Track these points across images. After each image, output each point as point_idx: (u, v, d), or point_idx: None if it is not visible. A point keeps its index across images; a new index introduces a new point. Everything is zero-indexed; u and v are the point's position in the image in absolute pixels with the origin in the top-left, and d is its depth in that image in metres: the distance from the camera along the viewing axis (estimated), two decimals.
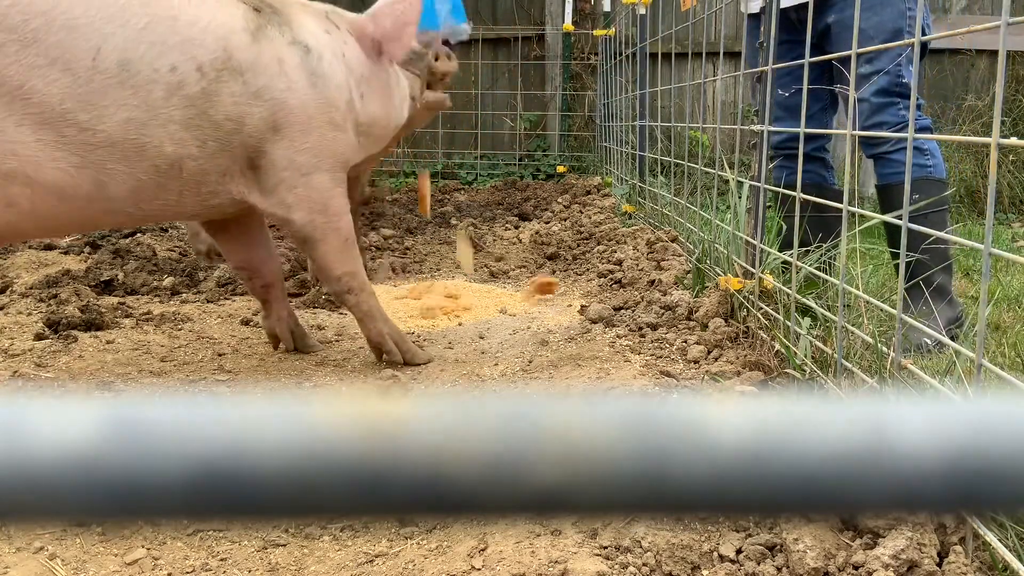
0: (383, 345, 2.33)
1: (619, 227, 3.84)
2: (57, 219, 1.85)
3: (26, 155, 1.73)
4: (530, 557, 1.31)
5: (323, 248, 2.16)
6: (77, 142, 1.77)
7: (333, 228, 2.14)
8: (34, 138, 1.73)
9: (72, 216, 1.87)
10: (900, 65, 2.54)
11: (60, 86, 1.73)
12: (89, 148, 1.78)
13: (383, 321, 2.33)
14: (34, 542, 1.43)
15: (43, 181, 1.77)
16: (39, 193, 1.78)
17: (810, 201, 2.08)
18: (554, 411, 0.27)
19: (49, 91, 1.72)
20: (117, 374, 2.26)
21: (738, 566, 1.27)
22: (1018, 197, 5.21)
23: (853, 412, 0.27)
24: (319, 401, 0.27)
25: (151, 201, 1.92)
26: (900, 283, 1.51)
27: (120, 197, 1.86)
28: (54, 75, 1.72)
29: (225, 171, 1.99)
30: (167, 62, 1.83)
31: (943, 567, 1.20)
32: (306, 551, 1.42)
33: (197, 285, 3.23)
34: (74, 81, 1.74)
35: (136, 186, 1.87)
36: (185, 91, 1.86)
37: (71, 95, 1.74)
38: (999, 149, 1.20)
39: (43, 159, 1.75)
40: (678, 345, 2.25)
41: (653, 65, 4.73)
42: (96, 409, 0.26)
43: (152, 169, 1.86)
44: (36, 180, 1.76)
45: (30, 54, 1.70)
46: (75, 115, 1.75)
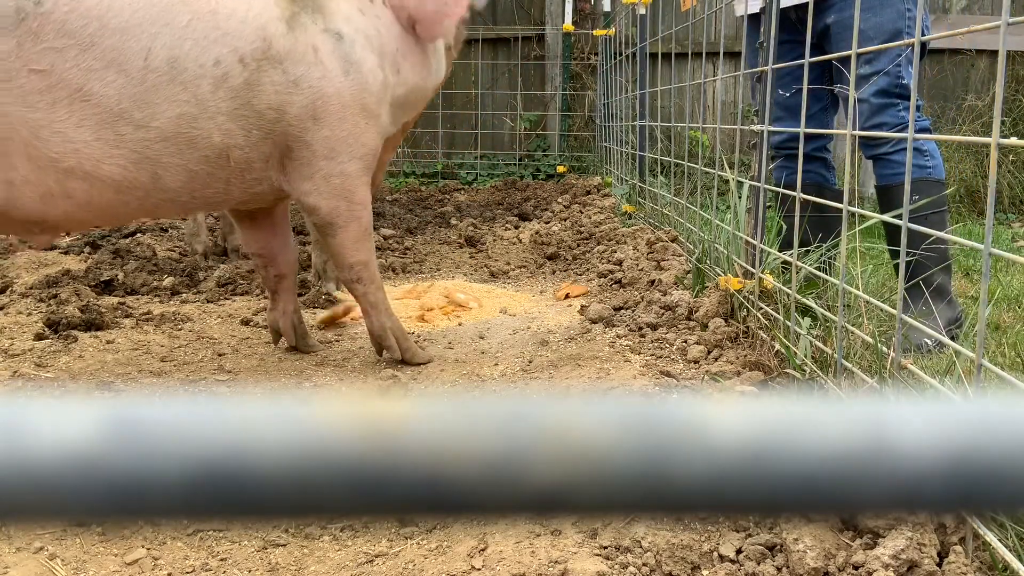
0: (384, 339, 2.35)
1: (619, 227, 3.84)
2: (113, 209, 1.94)
3: (86, 153, 1.82)
4: (530, 557, 1.31)
5: (342, 236, 2.21)
6: (134, 139, 1.85)
7: (355, 217, 2.20)
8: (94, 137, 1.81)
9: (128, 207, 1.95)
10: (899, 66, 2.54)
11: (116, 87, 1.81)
12: (144, 144, 1.86)
13: (387, 316, 2.35)
14: (34, 542, 1.43)
15: (101, 176, 1.85)
16: (97, 187, 1.86)
17: (810, 201, 2.08)
18: (554, 411, 0.27)
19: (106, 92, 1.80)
20: (117, 374, 2.26)
21: (738, 566, 1.27)
22: (1018, 197, 5.21)
23: (853, 412, 0.27)
24: (319, 401, 0.27)
25: (202, 190, 2.00)
26: (900, 283, 1.51)
27: (174, 188, 1.95)
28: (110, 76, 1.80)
29: (268, 158, 2.07)
30: (211, 56, 1.91)
31: (943, 567, 1.20)
32: (306, 551, 1.42)
33: (197, 285, 3.23)
34: (128, 81, 1.82)
35: (188, 177, 1.95)
36: (230, 83, 1.94)
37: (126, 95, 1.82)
38: (999, 149, 1.20)
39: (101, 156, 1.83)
40: (678, 345, 2.25)
41: (653, 65, 4.73)
42: (96, 409, 0.26)
43: (203, 160, 1.95)
44: (95, 175, 1.84)
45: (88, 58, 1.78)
46: (131, 113, 1.83)
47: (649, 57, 4.34)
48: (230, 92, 1.94)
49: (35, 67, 1.75)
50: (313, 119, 2.06)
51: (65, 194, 1.85)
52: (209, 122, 1.93)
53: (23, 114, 1.75)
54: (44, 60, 1.76)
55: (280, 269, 2.44)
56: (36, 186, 1.82)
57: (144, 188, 1.91)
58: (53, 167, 1.81)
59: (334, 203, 2.16)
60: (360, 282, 2.28)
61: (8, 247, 3.71)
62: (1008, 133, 5.29)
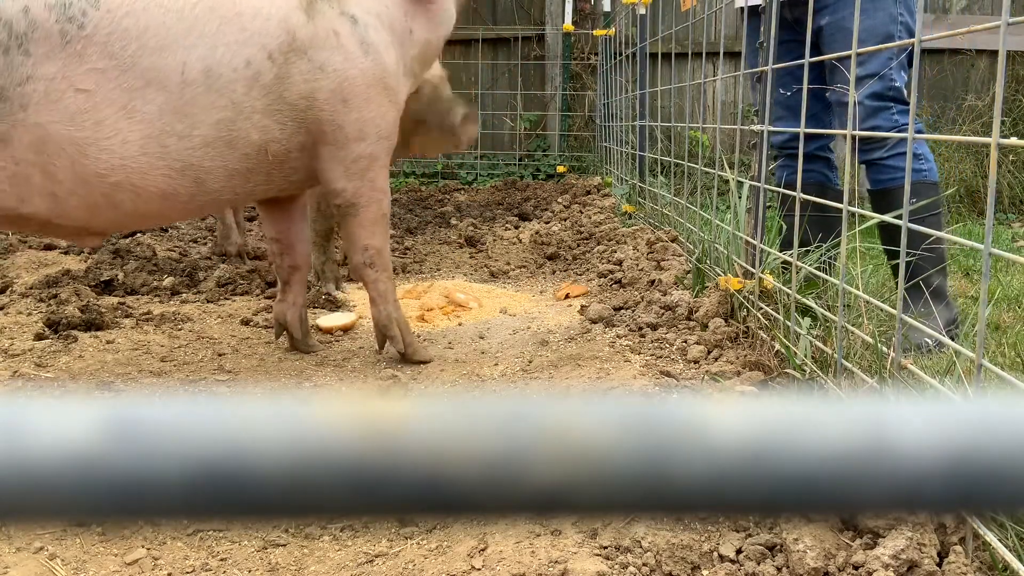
0: (389, 329, 2.36)
1: (619, 227, 3.84)
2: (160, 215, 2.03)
3: (133, 167, 1.88)
4: (530, 557, 1.31)
5: (360, 218, 2.26)
6: (177, 149, 1.92)
7: (376, 200, 2.26)
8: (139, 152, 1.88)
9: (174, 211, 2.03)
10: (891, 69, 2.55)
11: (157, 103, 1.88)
12: (188, 152, 1.93)
13: (394, 307, 2.37)
14: (34, 542, 1.43)
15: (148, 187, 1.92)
16: (143, 197, 1.93)
17: (810, 201, 2.08)
18: (554, 411, 0.27)
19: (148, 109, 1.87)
20: (117, 374, 2.26)
21: (738, 566, 1.27)
22: (1018, 197, 5.21)
23: (853, 412, 0.27)
24: (319, 401, 0.27)
25: (243, 186, 2.07)
26: (900, 283, 1.51)
27: (217, 189, 2.02)
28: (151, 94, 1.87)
29: (303, 147, 2.15)
30: (242, 58, 1.98)
31: (943, 567, 1.20)
32: (306, 551, 1.42)
33: (197, 285, 3.23)
34: (169, 97, 1.89)
35: (230, 176, 2.02)
36: (262, 81, 2.01)
37: (168, 109, 1.89)
38: (999, 149, 1.20)
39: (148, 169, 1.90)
40: (678, 345, 2.25)
41: (653, 65, 4.73)
42: (96, 409, 0.26)
43: (243, 158, 2.02)
44: (141, 187, 1.91)
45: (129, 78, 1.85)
46: (173, 126, 1.90)
47: (649, 57, 4.34)
48: (263, 90, 2.02)
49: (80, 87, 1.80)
50: (343, 102, 2.13)
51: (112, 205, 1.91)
52: (246, 122, 2.00)
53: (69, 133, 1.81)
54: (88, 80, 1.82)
55: (295, 260, 2.48)
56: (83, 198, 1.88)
57: (188, 193, 1.98)
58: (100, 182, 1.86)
59: (358, 184, 2.22)
60: (372, 267, 2.32)
61: (8, 247, 3.71)
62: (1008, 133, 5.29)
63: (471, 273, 3.64)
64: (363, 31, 2.16)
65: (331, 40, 2.11)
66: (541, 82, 6.58)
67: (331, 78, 2.10)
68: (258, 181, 2.10)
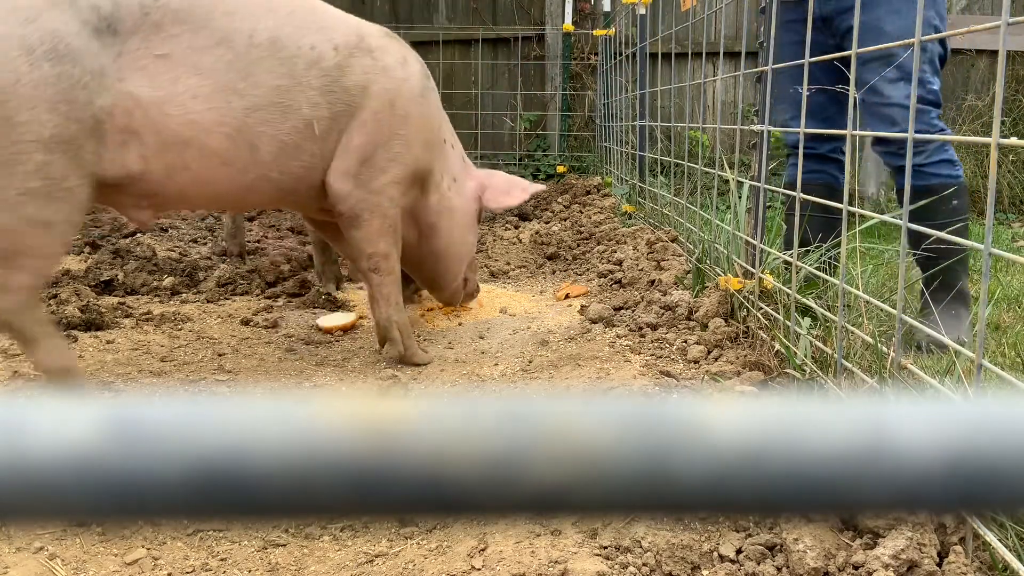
0: (389, 331, 2.41)
1: (619, 227, 3.84)
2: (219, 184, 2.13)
3: (200, 123, 2.02)
4: (530, 557, 1.31)
5: (367, 227, 2.35)
6: (237, 108, 2.06)
7: (383, 213, 2.36)
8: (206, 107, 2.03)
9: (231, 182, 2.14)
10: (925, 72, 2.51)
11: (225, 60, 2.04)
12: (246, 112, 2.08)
13: (396, 310, 2.42)
14: (34, 542, 1.43)
15: (211, 145, 2.05)
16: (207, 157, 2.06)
17: (812, 201, 2.08)
18: (554, 411, 0.27)
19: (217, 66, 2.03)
20: (117, 374, 2.26)
21: (738, 566, 1.27)
22: (1018, 197, 5.22)
23: (853, 412, 0.27)
24: (319, 401, 0.27)
25: (289, 162, 2.20)
26: (900, 283, 1.51)
27: (268, 160, 2.15)
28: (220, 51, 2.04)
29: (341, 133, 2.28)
30: (308, 41, 2.17)
31: (943, 567, 1.20)
32: (306, 551, 1.42)
33: (197, 285, 3.23)
34: (236, 56, 2.06)
35: (280, 148, 2.16)
36: (322, 64, 2.19)
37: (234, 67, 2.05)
38: (999, 149, 1.20)
39: (212, 126, 2.04)
40: (678, 345, 2.25)
41: (653, 65, 4.73)
42: (96, 409, 0.26)
43: (291, 130, 2.16)
44: (206, 145, 2.05)
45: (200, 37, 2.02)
46: (235, 84, 2.05)
47: (649, 57, 4.34)
48: (321, 71, 2.19)
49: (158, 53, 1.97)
50: (390, 104, 2.31)
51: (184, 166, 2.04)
52: (300, 95, 2.16)
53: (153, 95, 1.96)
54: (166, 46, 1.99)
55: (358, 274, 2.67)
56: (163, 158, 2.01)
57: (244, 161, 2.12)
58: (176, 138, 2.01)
59: (365, 194, 2.32)
60: (377, 272, 2.40)
61: None
62: (1008, 133, 5.29)
63: None
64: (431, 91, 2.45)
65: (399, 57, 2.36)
66: (541, 82, 6.58)
67: (390, 80, 2.30)
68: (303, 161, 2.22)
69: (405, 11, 6.60)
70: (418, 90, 2.39)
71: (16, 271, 1.82)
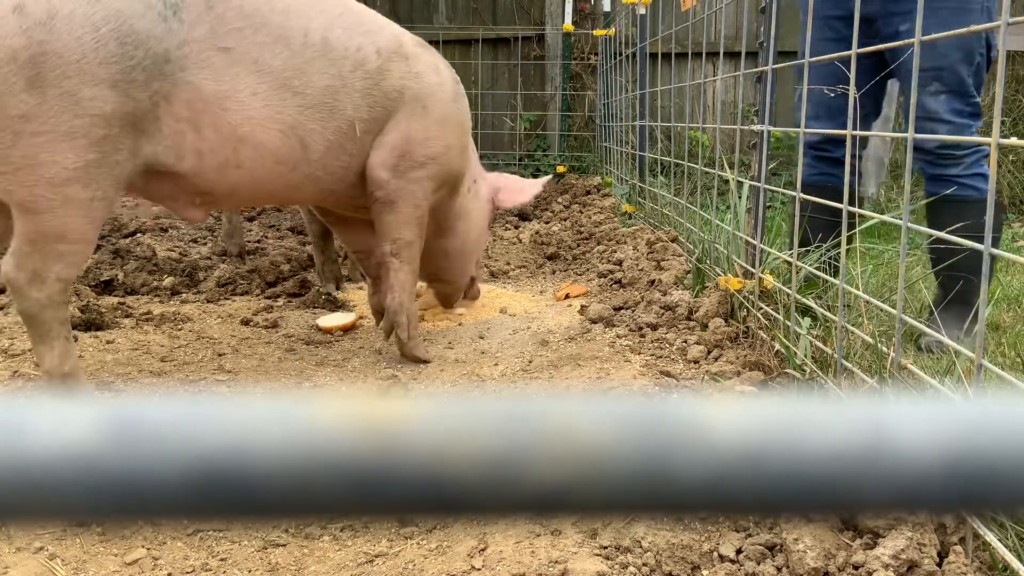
0: (398, 316, 2.44)
1: (619, 227, 3.84)
2: (270, 183, 2.17)
3: (256, 119, 2.06)
4: (530, 557, 1.31)
5: (396, 213, 2.42)
6: (291, 106, 2.11)
7: (415, 203, 2.43)
8: (263, 103, 2.07)
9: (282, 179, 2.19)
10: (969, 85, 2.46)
11: (282, 58, 2.09)
12: (298, 110, 2.13)
13: (409, 299, 2.46)
14: (34, 542, 1.43)
15: (265, 143, 2.09)
16: (261, 154, 2.10)
17: (817, 203, 2.08)
18: (554, 411, 0.27)
19: (275, 63, 2.08)
20: (117, 374, 2.26)
21: (738, 566, 1.27)
22: (1018, 197, 5.22)
23: (853, 412, 0.27)
24: (319, 401, 0.27)
25: (334, 162, 2.26)
26: (900, 282, 1.51)
27: (316, 159, 2.21)
28: (278, 49, 2.08)
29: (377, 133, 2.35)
30: (355, 43, 2.24)
31: (943, 567, 1.20)
32: (306, 551, 1.42)
33: (197, 285, 3.23)
34: (292, 54, 2.10)
35: (327, 146, 2.21)
36: (366, 67, 2.26)
37: (290, 65, 2.10)
38: (999, 149, 1.20)
39: (267, 122, 2.08)
40: (678, 345, 2.25)
41: (653, 65, 4.73)
42: (96, 409, 0.26)
43: (336, 130, 2.22)
44: (261, 143, 2.08)
45: (261, 35, 2.06)
46: (291, 81, 2.10)
47: (649, 57, 4.34)
48: (365, 74, 2.26)
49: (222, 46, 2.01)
50: (423, 107, 2.38)
51: (237, 163, 2.08)
52: (346, 97, 2.22)
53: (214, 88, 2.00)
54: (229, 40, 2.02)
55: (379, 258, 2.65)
56: (218, 154, 2.05)
57: (295, 159, 2.17)
58: (232, 135, 2.04)
59: (402, 184, 2.39)
60: (398, 257, 2.45)
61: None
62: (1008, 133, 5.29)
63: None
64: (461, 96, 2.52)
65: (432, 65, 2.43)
66: (541, 82, 6.58)
67: (422, 85, 2.38)
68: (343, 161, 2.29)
69: (405, 11, 6.60)
70: (451, 95, 2.46)
71: (54, 260, 1.86)
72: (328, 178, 2.29)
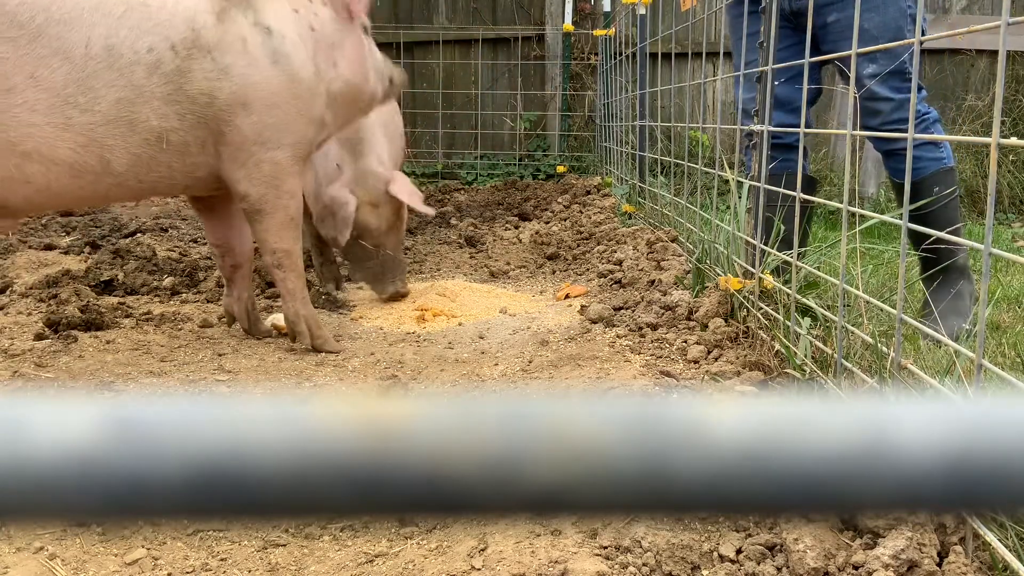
0: (296, 325, 2.46)
1: (619, 227, 3.84)
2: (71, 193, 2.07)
3: (40, 136, 1.95)
4: (530, 557, 1.31)
5: (267, 223, 2.33)
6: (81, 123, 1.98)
7: (282, 206, 2.32)
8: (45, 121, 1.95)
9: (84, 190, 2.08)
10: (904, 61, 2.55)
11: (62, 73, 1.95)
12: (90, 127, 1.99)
13: (302, 304, 2.46)
14: (34, 542, 1.43)
15: (56, 159, 1.99)
16: (53, 171, 2.00)
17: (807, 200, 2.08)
18: (554, 411, 0.27)
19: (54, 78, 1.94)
20: (117, 374, 2.26)
21: (738, 566, 1.27)
22: (1018, 197, 5.21)
23: (853, 412, 0.27)
24: (319, 401, 0.27)
25: (147, 174, 2.13)
26: (900, 283, 1.51)
27: (122, 172, 2.08)
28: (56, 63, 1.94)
29: (203, 143, 2.19)
30: (145, 44, 2.04)
31: (943, 567, 1.20)
32: (306, 551, 1.42)
33: (197, 285, 3.23)
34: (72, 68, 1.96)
35: (134, 160, 2.08)
36: (162, 69, 2.07)
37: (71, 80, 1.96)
38: (999, 149, 1.20)
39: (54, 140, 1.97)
40: (678, 345, 2.25)
41: (653, 65, 4.73)
42: (96, 409, 0.26)
43: (144, 143, 2.08)
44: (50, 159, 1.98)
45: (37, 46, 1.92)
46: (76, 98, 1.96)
47: (649, 57, 4.34)
48: (163, 78, 2.08)
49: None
50: (243, 106, 2.19)
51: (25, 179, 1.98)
52: (145, 106, 2.06)
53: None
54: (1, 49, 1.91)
55: (236, 259, 2.59)
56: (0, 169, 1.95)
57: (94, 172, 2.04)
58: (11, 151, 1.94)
59: (262, 190, 2.28)
60: (281, 268, 2.41)
61: (8, 247, 3.71)
62: (1008, 133, 5.29)
63: (471, 273, 3.64)
64: (277, 42, 2.22)
65: (237, 46, 2.17)
66: (541, 82, 6.58)
67: (233, 81, 2.16)
68: (161, 172, 2.16)
69: (405, 11, 6.60)
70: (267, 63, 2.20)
71: None
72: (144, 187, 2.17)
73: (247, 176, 2.25)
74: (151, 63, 2.05)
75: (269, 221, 2.33)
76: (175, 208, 5.13)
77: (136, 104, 2.04)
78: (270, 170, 2.27)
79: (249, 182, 2.26)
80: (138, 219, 4.38)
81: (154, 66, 2.05)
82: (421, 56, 6.56)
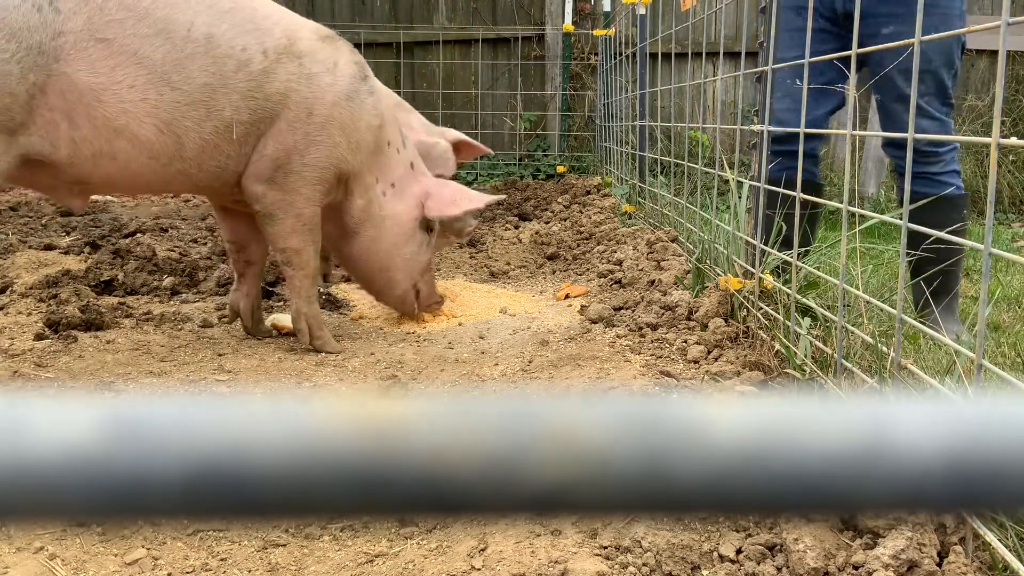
0: (297, 323, 2.50)
1: (619, 227, 3.84)
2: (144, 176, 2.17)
3: (133, 113, 2.06)
4: (530, 557, 1.31)
5: (280, 225, 2.40)
6: (168, 101, 2.10)
7: (296, 212, 2.40)
8: (140, 97, 2.06)
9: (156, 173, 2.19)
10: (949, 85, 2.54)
11: (163, 51, 2.07)
12: (175, 105, 2.11)
13: (306, 303, 2.50)
14: (34, 542, 1.43)
15: (141, 137, 2.09)
16: (136, 148, 2.10)
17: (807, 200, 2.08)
18: (554, 411, 0.27)
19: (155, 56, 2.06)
20: (117, 374, 2.26)
21: (738, 566, 1.27)
22: (1018, 197, 5.21)
23: (853, 412, 0.27)
24: (319, 401, 0.27)
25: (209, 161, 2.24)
26: (900, 283, 1.51)
27: (190, 157, 2.19)
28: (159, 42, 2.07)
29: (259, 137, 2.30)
30: (240, 43, 2.18)
31: (943, 567, 1.20)
32: (306, 551, 1.42)
33: (197, 285, 3.23)
34: (172, 48, 2.08)
35: (202, 146, 2.19)
36: (250, 68, 2.20)
37: (170, 59, 2.08)
38: (999, 149, 1.20)
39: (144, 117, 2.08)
40: (678, 345, 2.25)
41: (653, 65, 4.73)
42: (96, 409, 0.26)
43: (214, 130, 2.20)
44: (136, 135, 2.08)
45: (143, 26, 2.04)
46: (169, 76, 2.08)
47: (649, 57, 4.34)
48: (248, 75, 2.20)
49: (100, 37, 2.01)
50: (308, 112, 2.31)
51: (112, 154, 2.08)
52: (225, 97, 2.18)
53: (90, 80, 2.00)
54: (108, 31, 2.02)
55: (250, 256, 2.64)
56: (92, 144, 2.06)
57: (168, 154, 2.15)
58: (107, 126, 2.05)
59: (280, 195, 2.36)
60: (290, 266, 2.46)
61: (8, 247, 3.71)
62: (1008, 133, 5.29)
63: (471, 273, 3.64)
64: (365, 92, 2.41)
65: (329, 64, 2.34)
66: (541, 82, 6.58)
67: (311, 87, 2.30)
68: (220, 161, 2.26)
69: (405, 11, 6.60)
70: (344, 94, 2.35)
71: None
72: (202, 176, 2.26)
73: (270, 177, 2.34)
74: (242, 60, 2.18)
75: (282, 224, 2.39)
76: (175, 208, 5.13)
77: (218, 92, 2.16)
78: (293, 179, 2.35)
79: (268, 184, 2.34)
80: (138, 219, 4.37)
81: (244, 64, 2.18)
82: (421, 56, 6.56)
